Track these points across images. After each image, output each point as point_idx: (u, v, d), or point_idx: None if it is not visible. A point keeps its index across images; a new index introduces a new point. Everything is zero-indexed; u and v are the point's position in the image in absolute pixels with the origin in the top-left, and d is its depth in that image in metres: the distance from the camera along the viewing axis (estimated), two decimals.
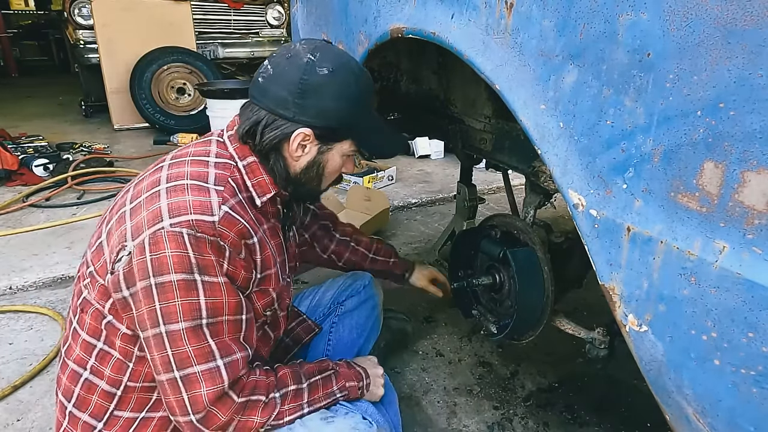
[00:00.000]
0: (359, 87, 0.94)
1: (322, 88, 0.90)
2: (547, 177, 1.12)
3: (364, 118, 0.97)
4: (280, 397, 0.93)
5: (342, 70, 0.92)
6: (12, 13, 8.45)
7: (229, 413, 0.87)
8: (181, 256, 0.80)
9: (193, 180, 0.87)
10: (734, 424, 0.63)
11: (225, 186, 0.89)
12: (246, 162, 0.95)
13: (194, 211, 0.83)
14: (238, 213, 0.88)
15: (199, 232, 0.81)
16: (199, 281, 0.82)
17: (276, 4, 5.16)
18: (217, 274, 0.84)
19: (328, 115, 0.91)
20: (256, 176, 0.95)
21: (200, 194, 0.85)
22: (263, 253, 0.95)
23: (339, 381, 1.03)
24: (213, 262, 0.83)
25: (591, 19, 0.68)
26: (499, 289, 1.21)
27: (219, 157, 0.94)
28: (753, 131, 0.53)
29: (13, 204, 2.77)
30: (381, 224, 2.59)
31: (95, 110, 4.95)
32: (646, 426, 1.37)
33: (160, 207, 0.83)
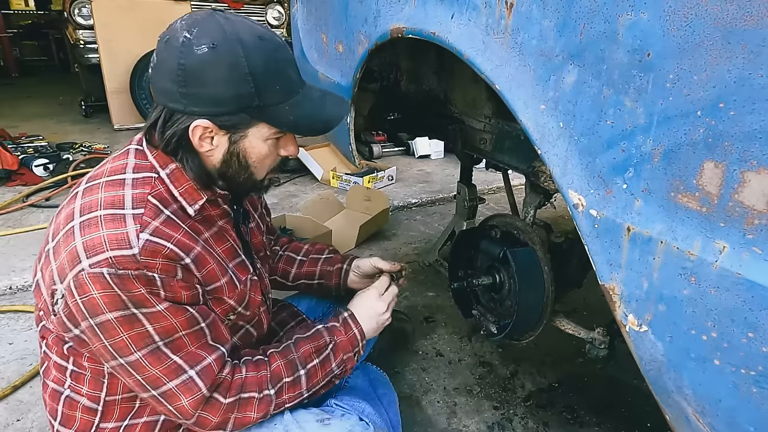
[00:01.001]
0: (254, 60, 0.78)
1: (207, 71, 0.77)
2: (547, 177, 1.12)
3: (273, 94, 0.82)
4: (276, 391, 0.92)
5: (226, 43, 0.77)
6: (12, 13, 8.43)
7: (220, 414, 0.87)
8: (110, 295, 0.75)
9: (107, 209, 0.79)
10: (734, 424, 0.63)
11: (145, 207, 0.81)
12: (168, 170, 0.86)
13: (110, 247, 0.76)
14: (163, 236, 0.80)
15: (120, 269, 0.75)
16: (138, 314, 0.78)
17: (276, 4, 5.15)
18: (153, 304, 0.78)
19: (221, 101, 0.79)
20: (182, 184, 0.87)
21: (115, 225, 0.78)
22: (203, 269, 0.87)
23: (337, 356, 1.00)
24: (144, 296, 0.77)
25: (591, 19, 0.68)
26: (499, 289, 1.21)
27: (137, 171, 0.85)
28: (753, 131, 0.53)
29: (13, 204, 2.77)
30: (381, 224, 2.59)
31: (95, 110, 4.95)
32: (646, 426, 1.37)
33: (76, 247, 0.76)
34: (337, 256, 1.29)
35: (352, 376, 1.27)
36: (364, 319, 1.06)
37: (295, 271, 1.28)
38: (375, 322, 1.07)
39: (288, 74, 0.85)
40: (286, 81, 0.84)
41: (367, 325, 1.06)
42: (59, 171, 3.14)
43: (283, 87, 0.84)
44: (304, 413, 1.04)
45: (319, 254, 1.30)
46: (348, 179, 3.14)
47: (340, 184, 3.19)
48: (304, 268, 1.28)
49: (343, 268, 1.26)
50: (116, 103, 4.43)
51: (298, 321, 1.33)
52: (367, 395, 1.21)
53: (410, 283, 2.07)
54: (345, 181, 3.16)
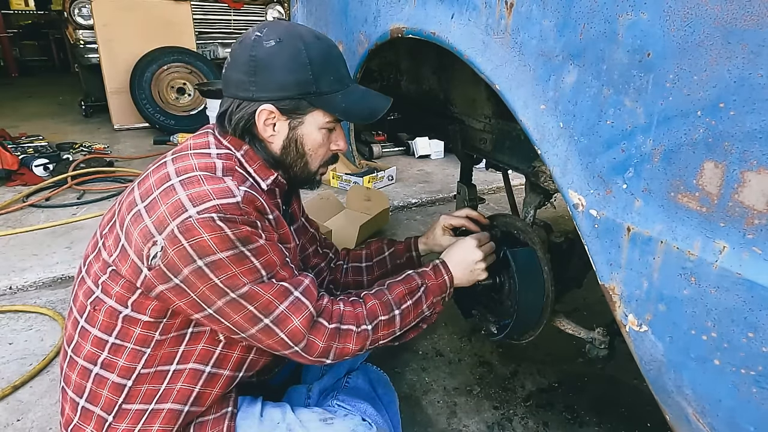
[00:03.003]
0: (312, 53, 0.91)
1: (273, 59, 0.90)
2: (547, 177, 1.12)
3: (327, 83, 0.93)
4: (372, 328, 0.98)
5: (290, 39, 0.91)
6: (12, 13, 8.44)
7: (325, 339, 0.93)
8: (220, 237, 0.82)
9: (203, 171, 0.88)
10: (734, 424, 0.63)
11: (233, 174, 0.91)
12: (243, 151, 0.96)
13: (217, 197, 0.84)
14: (253, 192, 0.90)
15: (228, 214, 0.83)
16: (246, 251, 0.85)
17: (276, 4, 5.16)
18: (257, 240, 0.86)
19: (284, 86, 0.91)
20: (255, 162, 0.97)
21: (215, 182, 0.87)
22: (280, 230, 0.97)
23: (428, 299, 1.05)
24: (249, 233, 0.85)
25: (591, 19, 0.68)
26: (499, 289, 1.21)
27: (219, 149, 0.95)
28: (753, 131, 0.53)
29: (13, 204, 2.77)
30: (381, 224, 2.59)
31: (95, 110, 4.95)
32: (646, 426, 1.37)
33: (180, 199, 0.83)
34: (399, 247, 1.32)
35: (352, 376, 1.27)
36: (455, 266, 1.09)
37: (367, 278, 1.30)
38: (468, 270, 1.09)
39: (339, 68, 0.97)
40: (337, 73, 0.96)
41: (459, 271, 1.09)
42: (59, 171, 3.14)
43: (335, 78, 0.95)
44: (307, 413, 1.04)
45: (381, 253, 1.32)
46: (348, 179, 3.14)
47: (340, 184, 3.19)
48: (376, 272, 1.30)
49: (413, 256, 1.30)
50: (116, 103, 4.44)
51: None
52: (368, 395, 1.21)
53: None
54: (345, 181, 3.16)
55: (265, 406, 1.05)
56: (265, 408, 1.05)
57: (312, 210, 2.48)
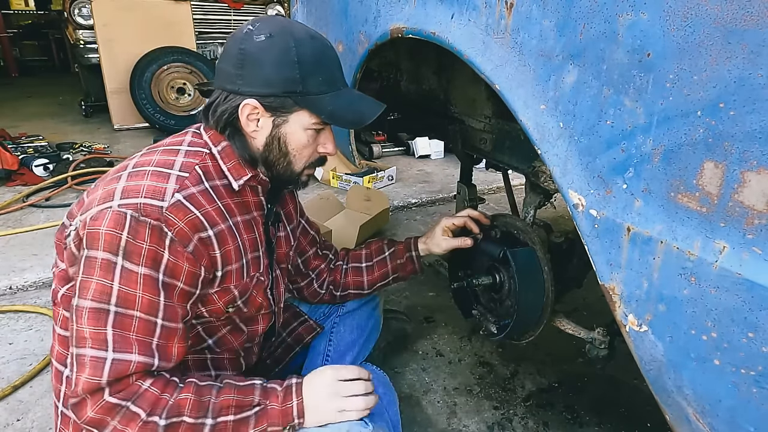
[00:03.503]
0: (303, 50, 0.87)
1: (261, 54, 0.87)
2: (547, 177, 1.12)
3: (315, 84, 0.89)
4: (166, 426, 0.80)
5: (281, 35, 0.87)
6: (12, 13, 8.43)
7: (99, 411, 0.78)
8: (113, 235, 0.78)
9: (157, 167, 0.86)
10: (734, 424, 0.63)
11: (190, 173, 0.87)
12: (220, 147, 0.93)
13: (145, 195, 0.81)
14: (194, 202, 0.85)
15: (142, 215, 0.79)
16: (118, 265, 0.79)
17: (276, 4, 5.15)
18: (140, 263, 0.79)
19: (270, 83, 0.87)
20: (231, 160, 0.93)
21: (158, 180, 0.84)
22: (223, 248, 0.90)
23: (259, 423, 0.85)
24: (141, 251, 0.79)
25: (591, 19, 0.68)
26: (499, 289, 1.21)
27: (192, 146, 0.93)
28: (753, 131, 0.53)
29: (13, 204, 2.77)
30: (381, 224, 2.59)
31: (95, 110, 4.95)
32: (646, 426, 1.37)
33: (116, 188, 0.82)
34: (399, 247, 1.31)
35: None
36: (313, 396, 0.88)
37: (367, 279, 1.29)
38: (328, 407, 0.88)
39: (331, 70, 0.93)
40: (328, 75, 0.92)
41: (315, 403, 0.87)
42: (59, 171, 3.14)
43: (325, 79, 0.91)
44: None
45: (381, 253, 1.31)
46: (348, 179, 3.14)
47: (340, 184, 3.19)
48: (376, 272, 1.29)
49: (413, 256, 1.29)
50: (116, 103, 4.43)
51: (300, 322, 1.33)
52: None
53: (410, 283, 2.07)
54: (345, 181, 3.16)
55: None
56: None
57: (312, 210, 2.48)
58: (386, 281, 1.30)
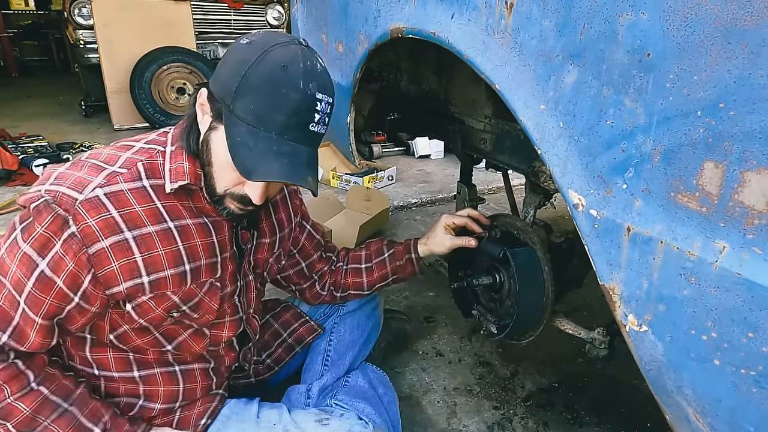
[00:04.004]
0: (258, 71, 0.77)
1: (229, 54, 0.84)
2: (547, 177, 1.12)
3: (244, 109, 0.78)
4: None
5: (259, 46, 0.79)
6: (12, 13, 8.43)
7: None
8: (26, 212, 0.80)
9: (99, 161, 0.85)
10: (734, 424, 0.63)
11: (129, 169, 0.84)
12: (174, 147, 0.89)
13: (69, 186, 0.80)
14: (116, 201, 0.81)
15: (54, 203, 0.78)
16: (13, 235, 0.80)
17: (276, 4, 5.16)
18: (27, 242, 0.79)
19: (217, 81, 0.82)
20: (177, 161, 0.88)
21: (90, 173, 0.82)
22: (146, 252, 0.84)
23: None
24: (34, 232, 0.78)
25: (591, 19, 0.68)
26: (499, 289, 1.21)
27: (149, 143, 0.90)
28: (753, 131, 0.53)
29: (13, 204, 2.76)
30: (381, 224, 2.59)
31: (95, 110, 4.95)
32: (646, 426, 1.37)
33: (53, 172, 0.83)
34: (399, 249, 1.29)
35: (351, 376, 1.27)
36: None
37: (367, 280, 1.28)
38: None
39: (272, 110, 0.78)
40: (263, 111, 0.78)
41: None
42: None
43: (256, 110, 0.78)
44: (302, 413, 1.04)
45: (381, 255, 1.29)
46: (348, 179, 3.14)
47: (340, 184, 3.19)
48: (375, 274, 1.28)
49: (413, 258, 1.27)
50: (116, 103, 4.43)
51: (301, 323, 1.33)
52: (367, 395, 1.21)
53: (410, 283, 2.07)
54: (345, 181, 3.16)
55: (262, 408, 1.05)
56: (262, 409, 1.05)
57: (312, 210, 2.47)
58: (386, 282, 1.30)
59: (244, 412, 1.04)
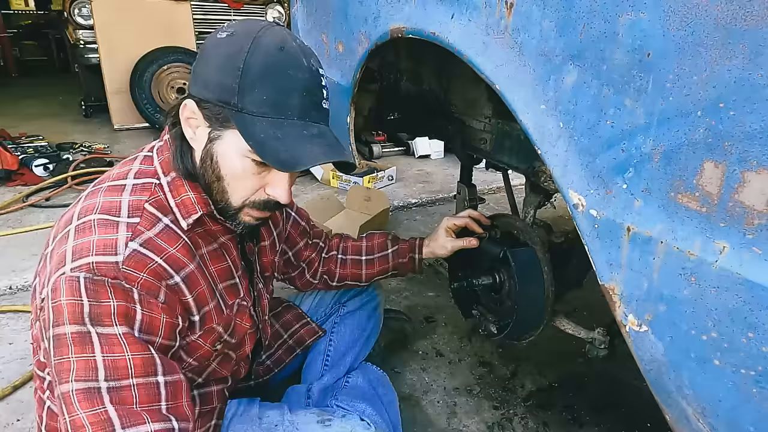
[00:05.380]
0: (255, 59, 0.72)
1: (211, 52, 0.75)
2: (547, 177, 1.12)
3: (255, 102, 0.73)
4: None
5: (243, 36, 0.74)
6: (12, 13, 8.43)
7: None
8: (74, 304, 0.68)
9: (102, 214, 0.75)
10: (734, 424, 0.63)
11: (141, 215, 0.76)
12: (170, 177, 0.81)
13: (96, 252, 0.71)
14: (154, 249, 0.75)
15: (97, 275, 0.70)
16: (93, 333, 0.68)
17: (276, 4, 5.15)
18: (113, 323, 0.69)
19: (208, 85, 0.75)
20: (180, 194, 0.81)
21: (107, 231, 0.73)
22: (195, 290, 0.82)
23: None
24: (110, 310, 0.69)
25: (591, 19, 0.68)
26: (499, 289, 1.21)
27: (138, 177, 0.81)
28: (753, 131, 0.53)
29: (13, 204, 2.77)
30: (381, 224, 2.59)
31: (95, 110, 4.95)
32: (646, 426, 1.37)
33: (65, 250, 0.72)
34: (403, 247, 1.28)
35: (352, 376, 1.27)
36: None
37: (367, 272, 1.27)
38: None
39: (286, 92, 0.74)
40: (278, 96, 0.74)
41: None
42: (59, 171, 3.14)
43: (270, 99, 0.73)
44: (305, 414, 1.04)
45: (384, 250, 1.28)
46: (348, 179, 3.14)
47: (340, 184, 3.19)
48: (376, 267, 1.27)
49: (416, 258, 1.27)
50: (116, 103, 4.43)
51: (302, 324, 1.33)
52: (367, 395, 1.21)
53: (410, 283, 2.07)
54: (345, 181, 3.16)
55: (263, 408, 1.05)
56: (263, 410, 1.05)
57: (312, 210, 2.48)
58: (384, 276, 1.30)
59: (246, 413, 1.03)
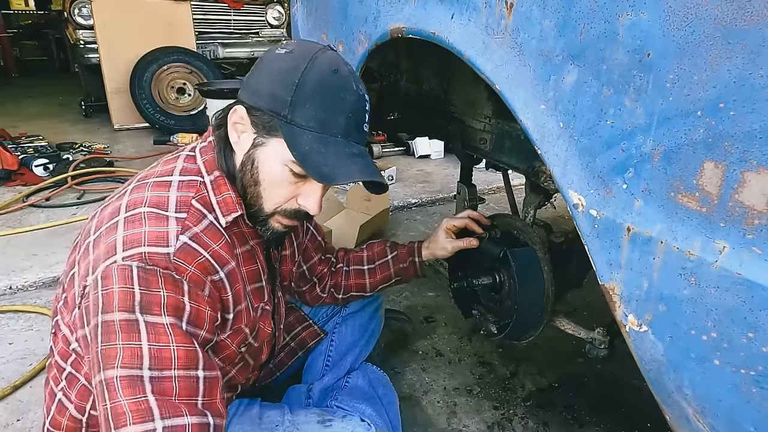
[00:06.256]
0: (310, 77, 0.78)
1: (270, 65, 0.81)
2: (547, 177, 1.12)
3: (305, 116, 0.78)
4: None
5: (301, 56, 0.80)
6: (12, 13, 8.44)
7: None
8: (126, 291, 0.71)
9: (152, 208, 0.78)
10: (734, 424, 0.63)
11: (189, 211, 0.80)
12: (213, 176, 0.85)
13: (148, 243, 0.74)
14: (201, 243, 0.79)
15: (150, 264, 0.72)
16: (141, 321, 0.71)
17: (276, 4, 5.16)
18: (162, 313, 0.72)
19: (261, 95, 0.80)
20: (222, 192, 0.85)
21: (158, 224, 0.76)
22: (234, 288, 0.85)
23: None
24: (160, 300, 0.72)
25: (591, 19, 0.68)
26: (499, 289, 1.21)
27: (184, 174, 0.84)
28: (753, 131, 0.53)
29: (13, 204, 2.76)
30: (381, 224, 2.59)
31: (95, 110, 4.95)
32: (646, 426, 1.37)
33: (116, 240, 0.75)
34: (402, 251, 1.29)
35: (352, 376, 1.27)
36: None
37: (370, 281, 1.28)
38: None
39: (334, 113, 0.80)
40: (326, 115, 0.80)
41: None
42: (59, 171, 3.14)
43: (318, 116, 0.79)
44: (304, 414, 1.04)
45: (384, 256, 1.29)
46: None
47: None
48: (378, 275, 1.28)
49: (416, 261, 1.28)
50: (116, 103, 4.43)
51: (304, 327, 1.33)
52: (368, 396, 1.21)
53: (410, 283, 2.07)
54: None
55: (264, 408, 1.05)
56: (264, 410, 1.05)
57: None
58: (389, 283, 1.30)
59: (246, 413, 1.03)
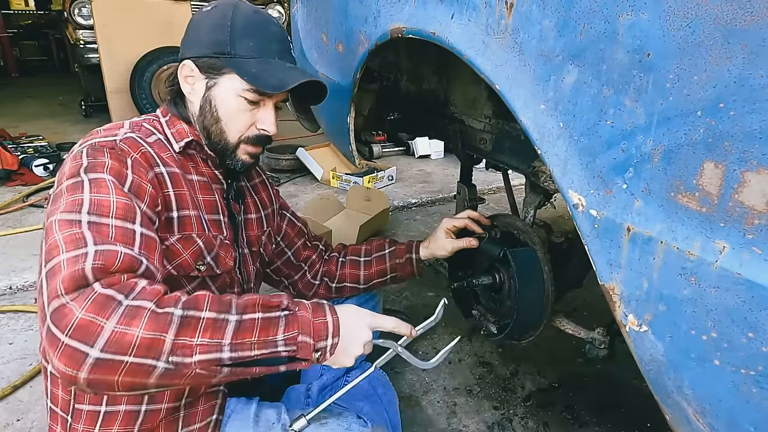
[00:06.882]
0: (238, 17, 0.94)
1: (200, 19, 0.96)
2: (547, 177, 1.12)
3: (245, 48, 0.93)
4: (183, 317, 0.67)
5: (224, 5, 0.96)
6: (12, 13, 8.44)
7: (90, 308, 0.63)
8: (75, 165, 0.81)
9: (108, 129, 0.93)
10: (734, 424, 0.63)
11: (139, 130, 0.94)
12: (168, 117, 1.00)
13: (101, 135, 0.89)
14: (145, 142, 0.91)
15: (98, 146, 0.85)
16: (85, 179, 0.78)
17: (276, 4, 5.15)
18: (104, 172, 0.80)
19: (203, 44, 0.94)
20: (176, 125, 0.99)
21: (111, 130, 0.92)
22: (176, 189, 0.93)
23: (289, 328, 0.74)
24: (104, 163, 0.81)
25: (591, 19, 0.68)
26: (499, 289, 1.21)
27: (146, 120, 1.00)
28: (753, 131, 0.53)
29: (13, 204, 2.77)
30: (381, 224, 2.59)
31: (95, 110, 4.95)
32: (646, 426, 1.37)
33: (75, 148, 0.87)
34: (401, 247, 1.30)
35: (351, 375, 1.27)
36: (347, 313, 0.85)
37: (364, 273, 1.29)
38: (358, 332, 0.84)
39: (266, 41, 0.96)
40: (260, 43, 0.95)
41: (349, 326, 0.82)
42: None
43: (255, 46, 0.94)
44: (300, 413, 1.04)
45: (381, 250, 1.31)
46: (348, 179, 3.14)
47: (340, 184, 3.19)
48: (374, 267, 1.30)
49: (413, 258, 1.28)
50: (116, 103, 4.43)
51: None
52: (367, 394, 1.21)
53: (410, 283, 2.07)
54: (345, 181, 3.16)
55: (261, 407, 1.05)
56: (261, 409, 1.05)
57: (312, 210, 2.48)
58: (383, 279, 1.31)
59: (243, 412, 1.03)
